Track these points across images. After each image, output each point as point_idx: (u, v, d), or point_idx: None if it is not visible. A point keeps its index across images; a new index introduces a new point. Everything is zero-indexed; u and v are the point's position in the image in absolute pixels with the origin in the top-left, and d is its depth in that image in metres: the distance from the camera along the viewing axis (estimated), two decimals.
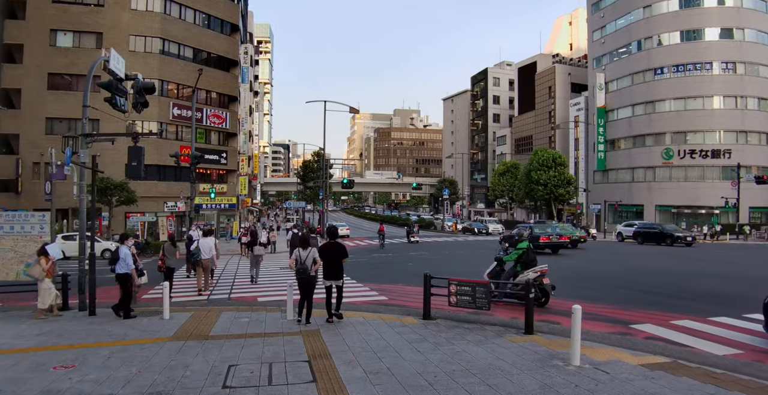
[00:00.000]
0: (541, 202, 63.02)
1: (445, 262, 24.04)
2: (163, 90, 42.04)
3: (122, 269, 11.12)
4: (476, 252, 29.45)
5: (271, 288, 15.84)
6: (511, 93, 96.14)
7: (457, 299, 9.66)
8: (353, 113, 45.03)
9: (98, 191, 33.19)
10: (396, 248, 33.59)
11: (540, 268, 11.98)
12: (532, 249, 12.62)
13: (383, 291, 14.48)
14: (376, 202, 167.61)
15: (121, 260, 11.11)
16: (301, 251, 9.94)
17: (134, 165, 11.99)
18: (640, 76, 58.93)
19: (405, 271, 20.28)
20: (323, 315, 10.31)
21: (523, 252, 12.28)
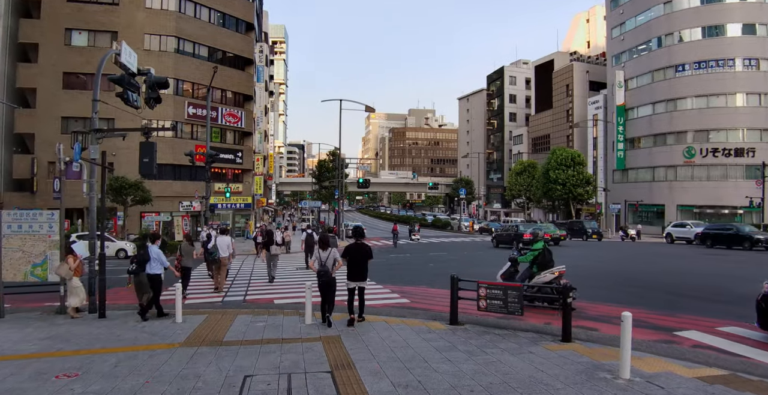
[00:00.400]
0: (560, 202, 62.02)
1: (465, 263, 23.37)
2: (178, 89, 41.75)
3: (155, 269, 10.99)
4: (496, 253, 28.72)
5: (287, 290, 15.29)
6: (528, 92, 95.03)
7: (487, 303, 9.03)
8: (369, 112, 44.48)
9: (113, 190, 33.01)
10: (414, 249, 32.96)
11: (558, 269, 11.34)
12: (549, 250, 11.92)
13: (405, 294, 13.87)
14: (391, 202, 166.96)
15: (154, 260, 10.97)
16: (322, 252, 9.65)
17: (146, 162, 11.49)
18: (661, 73, 57.71)
19: (425, 272, 19.65)
20: (342, 318, 9.73)
21: (539, 253, 11.61)
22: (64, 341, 8.81)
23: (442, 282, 15.97)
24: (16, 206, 37.31)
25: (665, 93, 56.59)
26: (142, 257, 11.08)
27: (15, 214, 12.02)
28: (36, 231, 11.83)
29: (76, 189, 38.19)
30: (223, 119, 44.54)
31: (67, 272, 11.07)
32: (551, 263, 11.63)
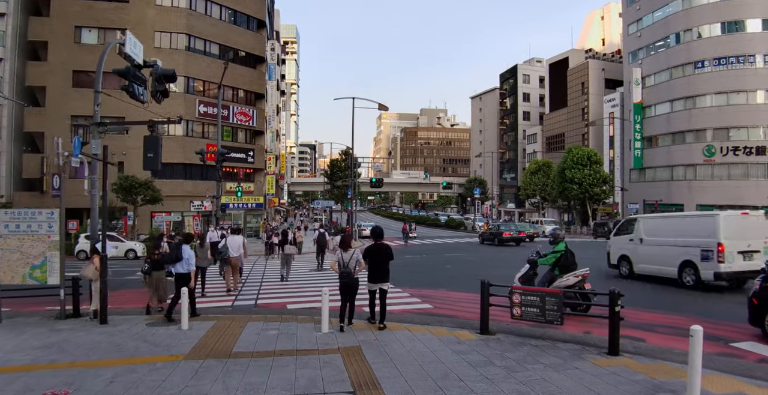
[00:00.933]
0: (576, 201, 60.89)
1: (483, 264, 22.53)
2: (189, 87, 41.19)
3: (184, 268, 10.89)
4: (515, 254, 27.84)
5: (301, 293, 14.51)
6: (542, 90, 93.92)
7: (522, 310, 8.19)
8: (382, 110, 43.60)
9: (123, 189, 32.45)
10: (429, 249, 32.13)
11: (582, 272, 10.47)
12: (571, 251, 10.99)
13: (426, 298, 13.03)
14: (403, 202, 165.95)
15: (185, 260, 10.89)
16: (344, 254, 9.37)
17: (151, 157, 10.76)
18: (679, 70, 56.39)
19: (444, 274, 18.82)
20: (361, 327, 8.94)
21: (561, 254, 10.67)
22: (60, 351, 8.07)
23: (463, 285, 15.16)
24: (25, 205, 36.93)
25: (684, 90, 55.31)
26: (174, 256, 10.95)
27: (13, 213, 11.33)
28: (35, 231, 11.12)
29: (85, 189, 37.78)
30: (234, 117, 43.93)
31: (94, 272, 10.73)
32: (574, 265, 10.75)
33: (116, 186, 31.89)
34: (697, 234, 14.76)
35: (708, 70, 53.57)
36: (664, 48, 58.61)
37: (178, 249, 10.98)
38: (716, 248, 13.78)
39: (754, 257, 13.98)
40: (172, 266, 11.10)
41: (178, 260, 10.90)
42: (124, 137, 38.86)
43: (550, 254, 10.74)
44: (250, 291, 15.09)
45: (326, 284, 15.96)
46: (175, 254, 10.96)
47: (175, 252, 11.02)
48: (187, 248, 11.15)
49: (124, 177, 32.23)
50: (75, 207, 37.72)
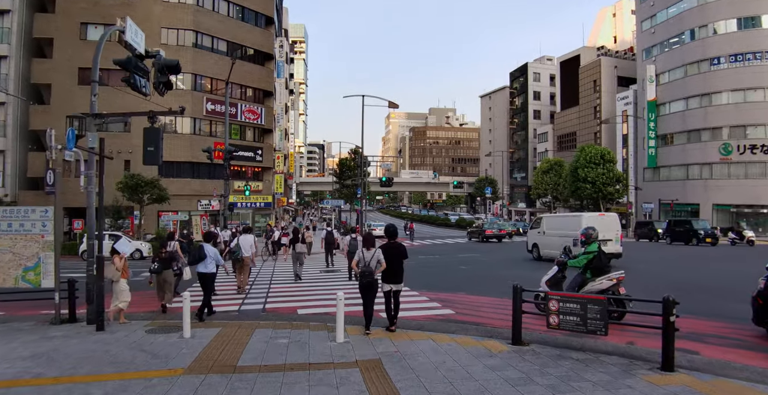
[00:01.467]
0: (588, 201, 59.76)
1: (500, 265, 21.66)
2: (196, 84, 40.53)
3: (210, 267, 10.85)
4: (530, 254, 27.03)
5: (312, 296, 13.72)
6: (552, 89, 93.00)
7: (560, 319, 7.35)
8: (392, 108, 42.81)
9: (128, 188, 31.78)
10: (442, 250, 31.32)
11: (616, 275, 9.55)
12: (605, 252, 10.08)
13: (446, 302, 12.18)
14: (412, 202, 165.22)
15: (210, 258, 10.80)
16: (365, 252, 9.17)
17: (151, 151, 10.01)
18: (695, 67, 55.31)
19: (460, 276, 17.97)
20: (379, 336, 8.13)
21: (594, 256, 9.73)
22: (48, 362, 7.30)
23: (482, 288, 14.34)
24: (30, 205, 36.32)
25: (699, 87, 54.27)
26: (198, 255, 10.86)
27: (5, 211, 10.61)
28: (28, 230, 10.41)
29: None
30: (242, 115, 43.22)
31: (115, 273, 10.37)
32: (608, 267, 9.84)
33: (122, 185, 31.27)
34: (571, 228, 20.87)
35: (724, 67, 52.57)
36: (678, 45, 57.61)
37: (201, 248, 10.84)
38: (580, 237, 15.27)
39: (608, 244, 20.32)
40: (195, 265, 11.02)
41: (201, 259, 10.77)
42: (130, 135, 38.26)
43: (581, 256, 9.84)
44: (259, 294, 14.31)
45: (339, 287, 15.25)
46: (198, 253, 10.83)
47: (198, 251, 10.90)
48: (209, 246, 11.02)
49: (129, 175, 31.59)
50: (82, 206, 37.29)
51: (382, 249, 9.24)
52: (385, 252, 9.17)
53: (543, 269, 18.38)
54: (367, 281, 9.03)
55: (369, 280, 9.02)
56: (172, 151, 38.96)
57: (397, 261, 9.21)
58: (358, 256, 9.27)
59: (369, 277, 9.01)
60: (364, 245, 9.38)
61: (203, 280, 10.90)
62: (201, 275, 10.88)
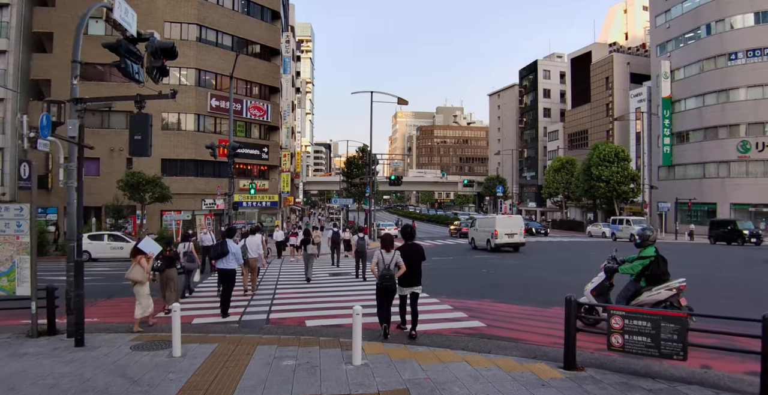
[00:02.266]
0: (602, 200, 58.32)
1: (523, 268, 20.30)
2: (200, 80, 39.32)
3: (231, 264, 10.85)
4: (553, 256, 25.70)
5: (322, 304, 12.40)
6: (563, 86, 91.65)
7: (625, 339, 6.04)
8: (401, 104, 41.52)
9: (129, 186, 30.62)
10: (454, 250, 29.99)
11: (677, 284, 8.16)
12: (663, 257, 8.59)
13: (473, 312, 10.81)
14: (419, 201, 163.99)
15: (231, 254, 10.79)
16: (385, 254, 8.73)
17: (138, 139, 8.76)
18: (711, 62, 53.78)
19: (482, 280, 16.60)
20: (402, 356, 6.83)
21: (650, 261, 8.35)
22: (9, 390, 6.06)
23: (509, 294, 13.04)
24: None
25: (716, 83, 52.73)
26: (220, 250, 10.82)
27: None
28: (1, 231, 9.19)
29: (92, 186, 35.98)
30: (247, 112, 41.98)
31: (144, 275, 9.91)
32: (666, 274, 8.44)
33: (123, 183, 30.13)
34: (489, 226, 30.32)
35: (741, 62, 51.04)
36: (694, 40, 56.12)
37: (224, 244, 10.79)
38: (494, 232, 29.36)
39: (514, 236, 29.26)
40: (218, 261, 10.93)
41: (223, 254, 10.71)
42: None
43: (635, 261, 8.44)
44: (263, 300, 13.01)
45: (349, 292, 13.99)
46: (221, 248, 10.76)
47: (220, 247, 10.81)
48: (232, 242, 11.00)
49: (130, 173, 30.41)
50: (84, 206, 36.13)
51: (400, 250, 8.82)
52: (404, 254, 8.76)
53: (571, 274, 17.27)
54: (387, 285, 8.55)
55: (389, 284, 8.54)
56: (175, 148, 37.82)
57: (416, 263, 8.81)
58: (377, 258, 8.79)
59: (390, 280, 8.54)
60: (383, 246, 8.88)
61: (225, 277, 10.83)
62: (223, 271, 10.81)
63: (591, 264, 21.79)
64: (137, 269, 9.94)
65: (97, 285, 16.43)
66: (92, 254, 26.42)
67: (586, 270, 19.11)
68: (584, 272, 18.28)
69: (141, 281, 9.89)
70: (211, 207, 37.60)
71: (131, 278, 9.94)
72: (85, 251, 26.53)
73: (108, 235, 27.17)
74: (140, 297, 9.83)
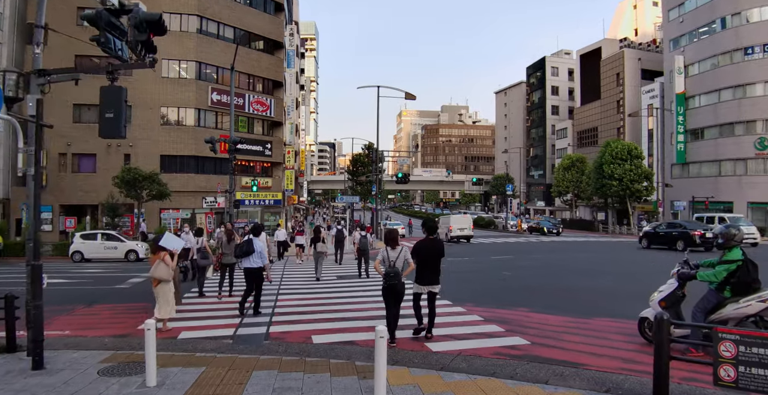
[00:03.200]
0: (614, 199, 56.67)
1: (547, 269, 18.70)
2: (200, 73, 37.86)
3: (256, 262, 10.68)
4: (575, 256, 24.09)
5: (329, 313, 10.77)
6: (571, 83, 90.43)
7: (739, 372, 4.52)
8: (409, 99, 40.02)
9: (125, 183, 29.18)
10: (470, 252, 28.42)
11: None
12: (753, 262, 6.93)
13: (509, 325, 9.18)
14: (424, 200, 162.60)
15: (257, 253, 10.65)
16: (390, 252, 8.29)
17: (110, 118, 7.29)
18: (727, 57, 52.17)
19: (509, 285, 14.98)
20: (441, 389, 5.33)
21: (738, 266, 6.74)
22: None
23: (543, 301, 11.50)
24: (24, 202, 33.94)
25: (732, 79, 51.13)
26: (246, 249, 10.65)
27: None
28: None
29: (88, 183, 34.60)
30: (250, 106, 40.49)
31: (169, 272, 9.44)
32: (758, 283, 6.88)
33: (119, 180, 28.66)
34: (447, 223, 37.77)
35: (758, 57, 49.51)
36: (708, 34, 54.56)
37: (250, 242, 10.65)
38: (449, 227, 36.23)
39: (464, 230, 36.61)
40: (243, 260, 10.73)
41: (249, 253, 10.56)
42: (130, 127, 35.68)
43: (719, 266, 6.83)
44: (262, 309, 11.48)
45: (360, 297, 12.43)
46: (247, 247, 10.58)
47: (246, 245, 10.62)
48: (258, 241, 10.85)
49: (126, 169, 28.94)
50: (80, 203, 34.73)
51: (418, 247, 8.42)
52: (421, 249, 8.40)
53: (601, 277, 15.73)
54: (391, 284, 7.97)
55: (393, 282, 7.96)
56: (174, 144, 36.41)
57: (435, 260, 8.42)
58: (381, 255, 8.37)
59: (394, 279, 7.98)
60: (387, 243, 8.41)
61: (252, 276, 10.63)
62: (250, 271, 10.60)
63: (618, 265, 20.39)
64: (162, 267, 9.38)
65: (81, 290, 14.97)
66: (85, 254, 24.99)
67: (615, 272, 17.69)
68: (613, 275, 16.89)
69: (167, 280, 9.43)
70: (212, 205, 36.16)
71: (157, 276, 9.35)
72: (78, 251, 25.16)
73: (102, 234, 25.72)
74: (164, 296, 9.34)
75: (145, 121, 35.69)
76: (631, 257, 23.92)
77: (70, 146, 34.75)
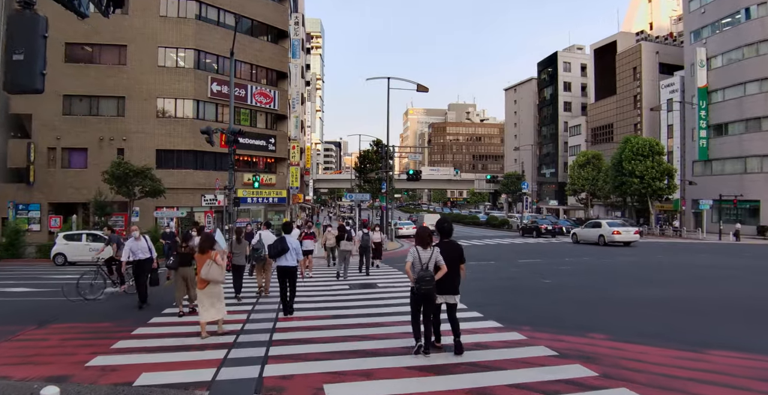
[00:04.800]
0: (633, 197, 53.97)
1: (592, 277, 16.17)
2: (200, 62, 35.41)
3: (291, 261, 10.39)
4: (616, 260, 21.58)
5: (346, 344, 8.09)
6: (584, 79, 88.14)
7: None
8: (422, 91, 37.48)
9: (116, 179, 26.79)
10: (490, 253, 25.91)
11: None
12: None
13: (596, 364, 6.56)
14: (431, 200, 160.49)
15: (293, 250, 10.38)
16: (422, 252, 7.25)
17: (18, 61, 4.83)
18: (753, 48, 49.60)
19: (557, 296, 12.43)
20: None
21: None
22: None
23: (615, 321, 9.09)
24: (11, 199, 31.63)
25: (759, 71, 48.58)
26: (279, 247, 10.39)
27: None
28: None
29: (79, 179, 32.29)
30: (252, 98, 38.02)
31: (222, 273, 8.88)
32: None
33: (108, 175, 26.22)
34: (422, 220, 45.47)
35: None
36: (732, 25, 52.12)
37: (283, 240, 10.43)
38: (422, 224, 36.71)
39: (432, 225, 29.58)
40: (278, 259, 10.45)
41: (284, 251, 10.31)
42: (124, 120, 33.40)
43: None
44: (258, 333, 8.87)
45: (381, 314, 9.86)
46: (281, 245, 10.35)
47: (280, 243, 10.39)
48: (292, 238, 10.69)
49: (116, 163, 26.47)
50: (70, 201, 32.32)
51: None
52: (441, 254, 7.40)
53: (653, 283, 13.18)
54: (426, 290, 7.08)
55: (428, 287, 7.09)
56: (171, 138, 34.04)
57: (455, 266, 7.48)
58: (412, 257, 7.35)
59: (429, 283, 7.10)
60: (418, 242, 7.46)
61: (287, 274, 10.34)
62: (284, 269, 10.33)
63: (674, 270, 17.94)
64: (215, 268, 8.70)
65: (43, 302, 12.51)
66: (68, 256, 22.60)
67: (678, 279, 15.33)
68: (678, 282, 14.47)
69: (221, 282, 8.87)
70: (212, 204, 33.71)
71: (212, 278, 8.65)
72: (60, 253, 22.82)
73: (87, 234, 23.30)
74: (209, 298, 8.63)
75: (139, 113, 33.31)
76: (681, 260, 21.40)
77: (60, 139, 32.43)
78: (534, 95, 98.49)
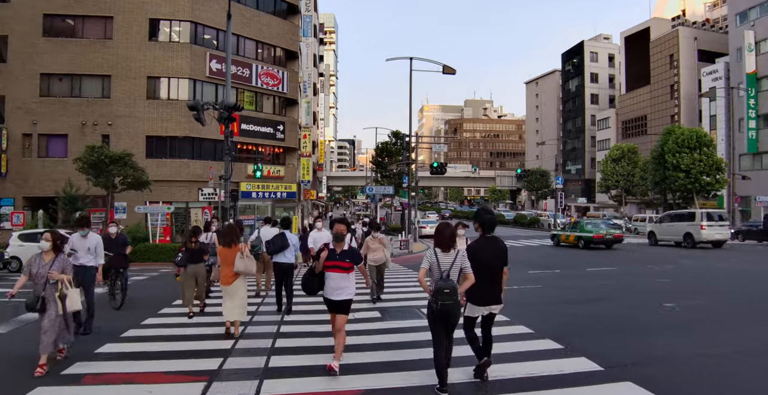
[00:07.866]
0: (676, 194, 48.77)
1: (726, 299, 11.66)
2: (197, 37, 31.07)
3: (288, 258, 10.22)
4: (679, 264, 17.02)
5: None
6: (611, 70, 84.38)
7: None
8: (448, 73, 33.14)
9: (92, 166, 22.49)
10: (541, 259, 21.42)
11: None
12: None
13: None
14: (447, 198, 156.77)
15: (292, 246, 10.22)
16: (441, 256, 5.60)
17: None
18: None
19: (703, 337, 8.05)
20: None
21: None
22: None
23: None
24: None
25: None
26: (280, 243, 10.11)
27: None
28: None
29: (57, 169, 28.10)
30: (258, 79, 33.64)
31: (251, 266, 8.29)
32: None
33: (82, 162, 21.83)
34: None
35: None
36: None
37: (283, 236, 10.19)
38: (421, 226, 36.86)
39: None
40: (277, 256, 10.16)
41: (283, 248, 10.06)
42: (109, 102, 29.15)
43: None
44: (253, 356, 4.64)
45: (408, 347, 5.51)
46: (281, 241, 10.07)
47: (280, 240, 10.08)
48: (291, 234, 10.49)
49: (90, 148, 22.02)
50: (47, 195, 27.89)
51: (472, 249, 5.84)
52: (478, 253, 5.76)
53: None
54: (447, 305, 5.33)
55: (450, 303, 5.34)
56: (163, 123, 29.76)
57: (497, 269, 5.83)
58: (429, 261, 5.59)
59: (451, 298, 5.32)
60: (438, 244, 5.63)
61: (286, 272, 10.08)
62: (283, 266, 10.06)
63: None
64: (246, 262, 8.21)
65: None
66: (23, 259, 18.33)
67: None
68: None
69: (252, 274, 8.65)
70: (211, 198, 29.12)
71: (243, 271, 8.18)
72: (14, 256, 18.55)
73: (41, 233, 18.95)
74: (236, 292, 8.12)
75: (126, 93, 29.05)
76: None
77: (36, 124, 28.33)
78: (557, 88, 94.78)
